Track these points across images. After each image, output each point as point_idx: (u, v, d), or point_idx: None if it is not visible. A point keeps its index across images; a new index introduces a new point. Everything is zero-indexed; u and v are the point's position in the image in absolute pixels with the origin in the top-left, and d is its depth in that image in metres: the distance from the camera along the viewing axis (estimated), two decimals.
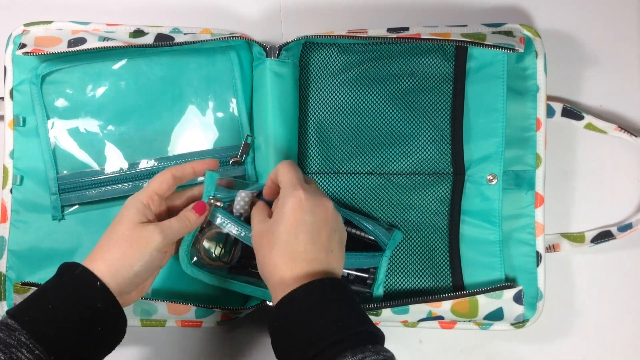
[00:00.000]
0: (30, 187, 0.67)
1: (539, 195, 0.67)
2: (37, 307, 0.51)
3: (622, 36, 0.73)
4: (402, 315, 0.66)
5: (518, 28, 0.67)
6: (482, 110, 0.67)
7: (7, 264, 0.66)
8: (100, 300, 0.52)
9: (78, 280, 0.52)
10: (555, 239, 0.71)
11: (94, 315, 0.52)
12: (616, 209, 0.72)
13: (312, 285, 0.51)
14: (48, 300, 0.51)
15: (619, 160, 0.72)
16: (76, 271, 0.53)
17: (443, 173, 0.68)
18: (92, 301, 0.52)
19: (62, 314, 0.50)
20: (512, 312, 0.66)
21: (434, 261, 0.68)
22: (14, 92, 0.67)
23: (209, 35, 0.68)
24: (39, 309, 0.51)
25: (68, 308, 0.51)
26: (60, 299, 0.51)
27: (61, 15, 0.72)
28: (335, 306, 0.50)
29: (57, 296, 0.51)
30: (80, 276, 0.53)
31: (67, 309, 0.51)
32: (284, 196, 0.55)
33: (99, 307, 0.52)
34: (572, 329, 0.71)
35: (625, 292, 0.72)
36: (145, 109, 0.68)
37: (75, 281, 0.52)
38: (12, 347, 0.48)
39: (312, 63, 0.69)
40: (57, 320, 0.50)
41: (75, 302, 0.51)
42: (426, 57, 0.68)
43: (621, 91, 0.73)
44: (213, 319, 0.68)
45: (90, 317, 0.51)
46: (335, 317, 0.49)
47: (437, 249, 0.68)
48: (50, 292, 0.52)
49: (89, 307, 0.51)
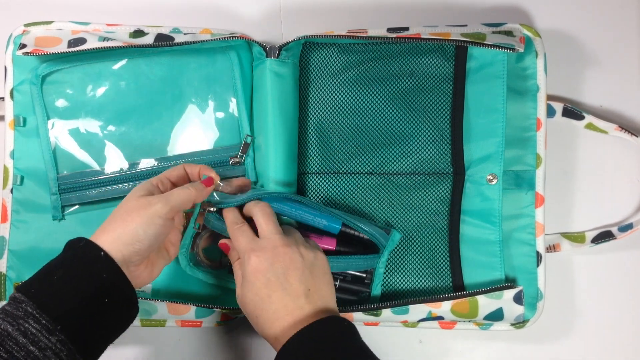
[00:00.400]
0: (31, 187, 0.67)
1: (539, 195, 0.67)
2: (43, 279, 0.52)
3: (622, 36, 0.73)
4: (402, 315, 0.66)
5: (518, 28, 0.67)
6: (482, 110, 0.67)
7: (8, 264, 0.67)
8: (105, 271, 0.53)
9: (82, 252, 0.53)
10: (555, 239, 0.71)
11: (100, 286, 0.52)
12: (616, 209, 0.72)
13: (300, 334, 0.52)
14: (53, 273, 0.52)
15: (619, 160, 0.72)
16: (80, 244, 0.54)
17: (443, 173, 0.68)
18: (97, 271, 0.52)
19: (67, 285, 0.51)
20: (512, 312, 0.66)
21: (434, 261, 0.68)
22: (14, 92, 0.67)
23: (209, 36, 0.68)
24: (44, 281, 0.52)
25: (73, 279, 0.51)
26: (65, 271, 0.52)
27: (61, 16, 0.72)
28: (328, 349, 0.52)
29: (62, 268, 0.52)
30: (84, 248, 0.53)
31: (72, 279, 0.51)
32: (242, 262, 0.58)
33: (104, 277, 0.52)
34: (572, 329, 0.71)
35: (625, 292, 0.72)
36: (145, 109, 0.68)
37: (80, 253, 0.53)
38: (19, 318, 0.49)
39: (312, 63, 0.69)
40: (62, 290, 0.51)
41: (79, 273, 0.52)
42: (426, 57, 0.68)
43: (621, 91, 0.73)
44: (213, 319, 0.68)
45: (96, 287, 0.52)
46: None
47: (437, 249, 0.68)
48: (56, 265, 0.53)
49: (94, 278, 0.52)
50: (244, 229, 0.60)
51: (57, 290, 0.51)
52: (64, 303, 0.50)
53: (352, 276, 0.66)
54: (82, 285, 0.51)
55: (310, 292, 0.56)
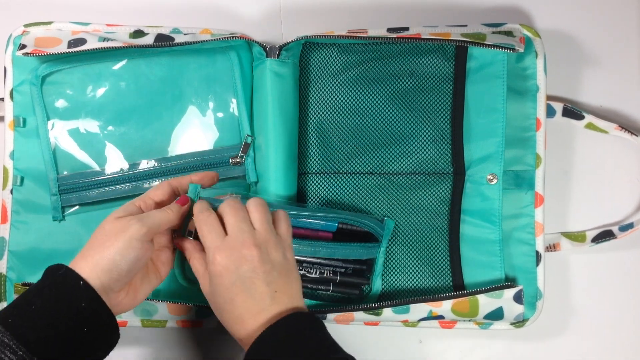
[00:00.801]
0: (31, 187, 0.67)
1: (539, 195, 0.67)
2: (21, 309, 0.50)
3: (622, 36, 0.73)
4: (403, 314, 0.66)
5: (518, 28, 0.67)
6: (482, 110, 0.67)
7: (8, 265, 0.66)
8: (84, 300, 0.51)
9: (61, 280, 0.52)
10: (555, 238, 0.71)
11: (78, 316, 0.51)
12: (616, 209, 0.72)
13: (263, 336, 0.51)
14: (31, 302, 0.50)
15: (619, 159, 0.72)
16: (59, 272, 0.52)
17: (443, 173, 0.68)
18: (76, 301, 0.51)
19: (44, 315, 0.50)
20: (512, 311, 0.66)
21: (434, 261, 0.68)
22: (14, 92, 0.67)
23: (209, 36, 0.68)
24: (22, 311, 0.50)
25: (50, 309, 0.50)
26: (43, 301, 0.50)
27: (61, 16, 0.72)
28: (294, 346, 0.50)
29: (40, 297, 0.51)
30: (63, 276, 0.52)
31: (50, 309, 0.50)
32: (208, 259, 0.55)
33: (83, 307, 0.51)
34: (572, 329, 0.71)
35: (625, 292, 0.72)
36: (145, 110, 0.68)
37: (58, 281, 0.52)
38: None
39: (312, 63, 0.69)
40: (39, 321, 0.49)
41: (58, 303, 0.50)
42: (426, 57, 0.68)
43: (621, 91, 0.73)
44: (213, 320, 0.68)
45: (75, 317, 0.50)
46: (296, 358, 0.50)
47: (437, 249, 0.68)
48: (34, 294, 0.51)
49: (72, 308, 0.50)
50: (211, 221, 0.56)
51: (34, 321, 0.49)
52: (42, 333, 0.49)
53: (353, 269, 0.66)
54: (60, 316, 0.50)
55: (277, 294, 0.53)
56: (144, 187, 0.67)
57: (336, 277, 0.65)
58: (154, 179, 0.68)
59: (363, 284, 0.66)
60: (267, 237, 0.55)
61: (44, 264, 0.65)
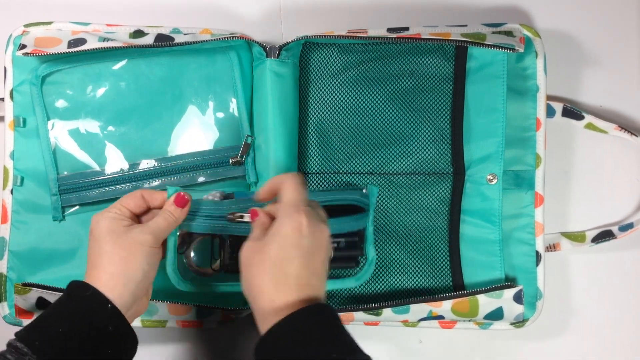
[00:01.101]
0: (31, 187, 0.67)
1: (539, 195, 0.67)
2: (47, 330, 0.50)
3: (622, 36, 0.73)
4: (403, 315, 0.66)
5: (518, 28, 0.67)
6: (482, 110, 0.67)
7: (8, 265, 0.66)
8: (111, 324, 0.51)
9: (88, 302, 0.51)
10: (555, 238, 0.71)
11: (104, 338, 0.51)
12: (616, 209, 0.72)
13: (307, 312, 0.49)
14: (58, 324, 0.50)
15: (619, 159, 0.72)
16: (87, 293, 0.52)
17: (443, 173, 0.68)
18: (103, 325, 0.51)
19: (72, 339, 0.50)
20: (512, 311, 0.66)
21: (434, 260, 0.68)
22: (14, 92, 0.67)
23: (208, 36, 0.68)
24: (48, 333, 0.50)
25: (78, 332, 0.50)
26: (71, 323, 0.50)
27: (61, 15, 0.71)
28: (327, 336, 0.48)
29: (68, 319, 0.50)
30: (90, 298, 0.51)
31: (78, 333, 0.50)
32: (284, 215, 0.52)
33: (110, 330, 0.51)
34: (572, 329, 0.72)
35: (625, 291, 0.72)
36: (145, 110, 0.68)
37: (86, 304, 0.51)
38: None
39: (312, 63, 0.69)
40: (67, 345, 0.49)
41: (86, 326, 0.50)
42: (426, 57, 0.68)
43: (621, 91, 0.73)
44: (213, 320, 0.68)
45: (101, 340, 0.51)
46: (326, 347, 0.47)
47: (437, 249, 0.68)
48: (61, 315, 0.51)
49: (99, 331, 0.51)
50: (304, 187, 0.55)
51: (61, 344, 0.49)
52: (68, 357, 0.49)
53: (346, 242, 0.64)
54: (87, 339, 0.50)
55: (322, 280, 0.52)
56: (144, 187, 0.67)
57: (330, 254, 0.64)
58: (154, 179, 0.68)
59: (358, 256, 0.65)
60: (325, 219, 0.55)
61: (44, 264, 0.67)
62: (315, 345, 0.47)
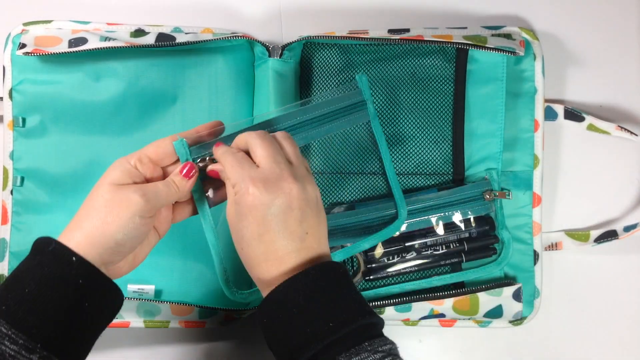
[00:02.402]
0: (31, 188, 0.67)
1: (537, 195, 0.68)
2: (14, 293, 0.45)
3: (622, 36, 0.74)
4: (405, 313, 0.66)
5: (517, 31, 0.68)
6: (482, 111, 0.68)
7: (9, 266, 0.66)
8: (81, 277, 0.46)
9: (52, 257, 0.47)
10: (559, 237, 0.71)
11: (76, 292, 0.46)
12: (618, 208, 0.73)
13: (294, 280, 0.46)
14: (24, 284, 0.46)
15: (620, 159, 0.73)
16: (49, 248, 0.47)
17: (443, 174, 0.69)
18: (72, 278, 0.46)
19: (40, 298, 0.45)
20: (511, 309, 0.67)
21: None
22: (13, 92, 0.66)
23: (210, 35, 0.68)
24: (15, 296, 0.45)
25: (46, 290, 0.45)
26: (36, 281, 0.46)
27: (60, 13, 0.71)
28: (325, 299, 0.46)
29: (33, 278, 0.46)
30: (54, 253, 0.47)
31: (45, 291, 0.45)
32: (238, 193, 0.48)
33: (81, 283, 0.46)
34: (572, 328, 0.72)
35: (624, 291, 0.73)
36: (146, 109, 0.68)
37: (50, 259, 0.47)
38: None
39: (313, 63, 0.70)
40: (36, 304, 0.45)
41: (52, 282, 0.46)
42: (427, 58, 0.69)
43: (621, 91, 0.73)
44: (216, 320, 0.68)
45: (73, 294, 0.46)
46: (325, 313, 0.45)
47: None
48: (25, 275, 0.46)
49: (68, 285, 0.46)
50: (240, 155, 0.50)
51: (31, 305, 0.45)
52: (40, 317, 0.45)
53: (477, 232, 0.67)
54: (57, 296, 0.45)
55: (307, 236, 0.48)
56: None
57: (463, 246, 0.66)
58: None
59: (493, 243, 0.67)
60: (304, 173, 0.51)
61: None
62: (308, 313, 0.45)
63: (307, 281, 0.46)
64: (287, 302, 0.46)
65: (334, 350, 0.44)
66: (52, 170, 0.67)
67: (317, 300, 0.45)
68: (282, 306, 0.46)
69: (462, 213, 0.66)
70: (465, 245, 0.66)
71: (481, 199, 0.66)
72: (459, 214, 0.66)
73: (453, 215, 0.66)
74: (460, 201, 0.66)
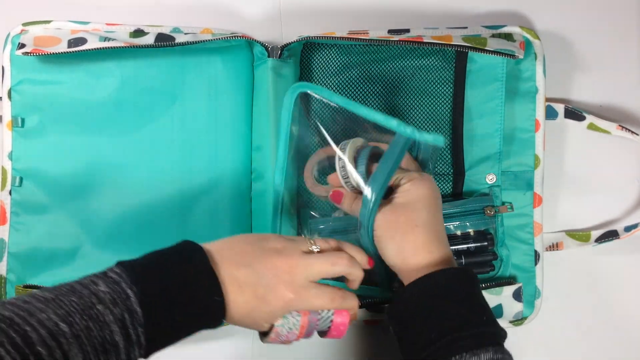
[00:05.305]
0: (30, 188, 0.66)
1: (537, 195, 0.68)
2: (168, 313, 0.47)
3: (622, 36, 0.73)
4: None
5: (518, 31, 0.67)
6: (482, 112, 0.68)
7: (8, 267, 0.66)
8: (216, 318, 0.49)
9: (211, 312, 0.49)
10: (559, 237, 0.71)
11: (202, 323, 0.49)
12: (618, 208, 0.73)
13: (453, 271, 0.52)
14: (179, 312, 0.47)
15: (621, 159, 0.73)
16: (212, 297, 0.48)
17: (443, 174, 0.69)
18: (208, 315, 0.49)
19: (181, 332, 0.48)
20: (512, 309, 0.67)
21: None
22: (12, 92, 0.66)
23: (209, 35, 0.68)
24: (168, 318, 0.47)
25: (188, 330, 0.48)
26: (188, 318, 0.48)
27: (59, 13, 0.70)
28: (471, 296, 0.52)
29: (188, 311, 0.48)
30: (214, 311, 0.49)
31: (188, 330, 0.48)
32: (417, 179, 0.55)
33: (212, 324, 0.50)
34: (572, 328, 0.72)
35: (625, 291, 0.73)
36: (145, 110, 0.68)
37: (209, 312, 0.49)
38: (131, 340, 0.45)
39: (313, 63, 0.70)
40: (175, 335, 0.48)
41: (196, 326, 0.49)
42: (427, 59, 0.69)
43: (621, 91, 0.73)
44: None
45: (198, 324, 0.49)
46: (470, 309, 0.50)
47: None
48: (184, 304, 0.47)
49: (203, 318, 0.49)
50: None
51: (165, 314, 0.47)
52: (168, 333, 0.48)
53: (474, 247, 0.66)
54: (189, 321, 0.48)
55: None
56: None
57: (461, 259, 0.66)
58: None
59: (491, 261, 0.67)
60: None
61: (44, 265, 0.66)
62: (454, 305, 0.50)
63: (463, 277, 0.52)
64: (445, 287, 0.51)
65: (466, 343, 0.49)
66: (51, 171, 0.66)
67: (465, 295, 0.52)
68: (440, 288, 0.51)
69: (462, 226, 0.66)
70: (463, 259, 0.66)
71: (481, 213, 0.66)
72: (459, 226, 0.66)
73: (452, 227, 0.66)
74: (460, 214, 0.66)
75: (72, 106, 0.67)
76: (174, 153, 0.68)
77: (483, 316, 0.51)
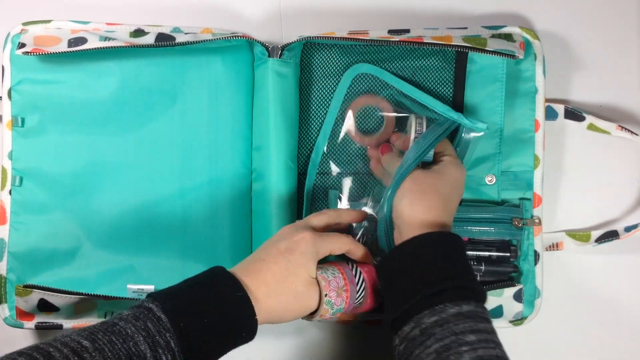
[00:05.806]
0: (30, 188, 0.66)
1: (537, 195, 0.68)
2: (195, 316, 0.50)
3: (621, 36, 0.73)
4: None
5: (518, 31, 0.67)
6: (482, 112, 0.68)
7: (8, 266, 0.66)
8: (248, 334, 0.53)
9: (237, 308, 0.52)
10: (559, 237, 0.71)
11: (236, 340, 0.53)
12: (618, 208, 0.73)
13: (446, 234, 0.57)
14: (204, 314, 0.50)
15: (621, 159, 0.73)
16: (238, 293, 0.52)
17: None
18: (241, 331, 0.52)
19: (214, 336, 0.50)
20: (512, 309, 0.67)
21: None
22: (12, 92, 0.66)
23: (209, 35, 0.68)
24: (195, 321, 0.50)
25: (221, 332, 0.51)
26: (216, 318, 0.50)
27: (59, 12, 0.70)
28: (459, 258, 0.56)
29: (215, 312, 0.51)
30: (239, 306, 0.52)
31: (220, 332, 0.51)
32: (452, 162, 0.62)
33: (244, 336, 0.53)
34: (572, 328, 0.72)
35: (625, 291, 0.73)
36: (145, 110, 0.68)
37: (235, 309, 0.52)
38: (159, 346, 0.47)
39: (314, 63, 0.70)
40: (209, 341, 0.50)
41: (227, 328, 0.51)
42: (427, 59, 0.69)
43: (621, 91, 0.73)
44: None
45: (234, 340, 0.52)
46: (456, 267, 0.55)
47: None
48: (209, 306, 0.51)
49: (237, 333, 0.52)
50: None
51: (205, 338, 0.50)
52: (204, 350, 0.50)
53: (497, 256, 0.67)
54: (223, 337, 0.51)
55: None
56: None
57: (480, 265, 0.66)
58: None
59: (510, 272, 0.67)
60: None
61: (44, 265, 0.66)
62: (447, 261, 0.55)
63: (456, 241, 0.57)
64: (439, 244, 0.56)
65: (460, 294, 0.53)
66: (51, 170, 0.67)
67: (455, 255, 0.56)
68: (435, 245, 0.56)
69: (486, 232, 0.66)
70: (483, 265, 0.66)
71: (509, 223, 0.66)
72: (483, 232, 0.66)
73: (476, 230, 0.66)
74: (488, 220, 0.66)
75: (72, 106, 0.67)
76: (174, 153, 0.68)
77: (468, 275, 0.55)
